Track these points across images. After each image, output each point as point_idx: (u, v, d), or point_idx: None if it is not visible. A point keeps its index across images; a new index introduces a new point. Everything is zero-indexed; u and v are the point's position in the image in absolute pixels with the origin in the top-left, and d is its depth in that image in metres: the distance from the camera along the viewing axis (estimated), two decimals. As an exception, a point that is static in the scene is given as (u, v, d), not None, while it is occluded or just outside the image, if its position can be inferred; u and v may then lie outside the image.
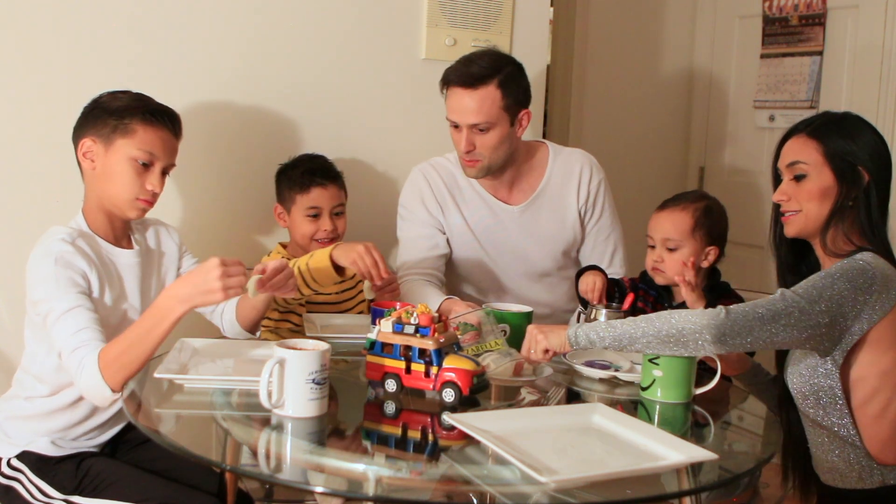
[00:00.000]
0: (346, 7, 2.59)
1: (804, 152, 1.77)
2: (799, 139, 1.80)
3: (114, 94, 1.90)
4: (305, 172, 2.36)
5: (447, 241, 2.40)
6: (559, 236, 2.41)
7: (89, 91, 1.96)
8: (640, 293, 2.21)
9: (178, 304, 1.62)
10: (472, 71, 2.20)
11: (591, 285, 2.14)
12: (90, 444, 1.89)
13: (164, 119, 1.88)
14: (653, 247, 2.19)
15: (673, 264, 2.14)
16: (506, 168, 2.34)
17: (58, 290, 1.71)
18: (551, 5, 3.33)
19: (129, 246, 1.93)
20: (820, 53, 3.27)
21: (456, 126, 2.25)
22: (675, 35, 3.84)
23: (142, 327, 1.64)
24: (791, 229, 1.80)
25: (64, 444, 1.85)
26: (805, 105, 3.29)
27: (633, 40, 3.77)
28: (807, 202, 1.76)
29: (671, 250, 2.14)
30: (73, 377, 1.66)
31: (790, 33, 3.38)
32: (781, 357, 1.86)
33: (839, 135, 1.76)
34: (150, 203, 1.89)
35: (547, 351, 1.74)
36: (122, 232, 1.93)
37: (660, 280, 2.18)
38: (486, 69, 2.20)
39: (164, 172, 1.90)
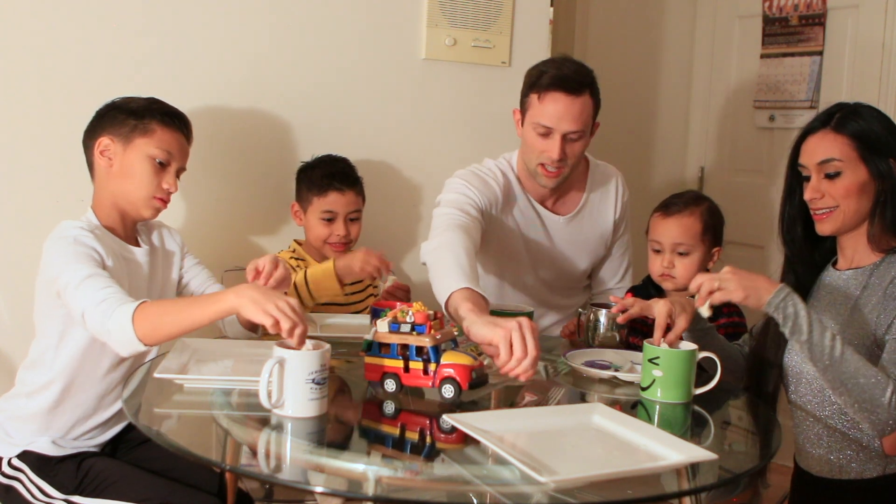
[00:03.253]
0: (346, 7, 2.59)
1: (835, 148, 1.74)
2: (825, 135, 1.76)
3: (128, 98, 1.94)
4: (325, 176, 2.36)
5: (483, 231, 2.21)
6: (595, 248, 2.42)
7: (97, 94, 1.98)
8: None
9: (232, 295, 1.56)
10: (572, 76, 2.14)
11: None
12: (91, 443, 1.90)
13: (179, 122, 1.95)
14: (658, 251, 2.16)
15: (684, 270, 2.11)
16: None
17: (76, 261, 1.72)
18: (551, 5, 3.33)
19: (138, 245, 1.95)
20: (820, 53, 3.27)
21: (545, 133, 2.17)
22: (675, 35, 3.84)
23: (190, 300, 1.72)
24: (827, 226, 1.78)
25: (64, 443, 1.86)
26: (805, 105, 3.29)
27: (633, 40, 3.77)
28: (844, 199, 1.74)
29: (682, 255, 2.12)
30: (99, 325, 1.63)
31: (790, 33, 3.38)
32: (776, 348, 1.85)
33: (865, 127, 1.74)
34: (165, 203, 1.93)
35: (712, 293, 1.67)
36: (131, 231, 1.95)
37: (669, 286, 2.16)
38: (584, 76, 2.17)
39: (177, 174, 1.95)
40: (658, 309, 1.78)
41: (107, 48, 2.31)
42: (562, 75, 2.14)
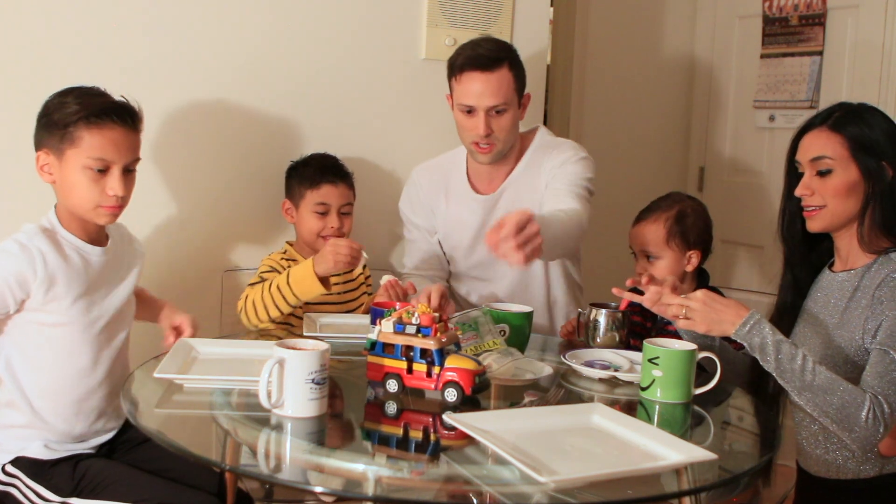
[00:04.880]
0: (346, 7, 2.59)
1: (829, 147, 1.75)
2: (821, 133, 1.77)
3: (61, 100, 1.80)
4: (317, 169, 2.39)
5: (439, 241, 2.46)
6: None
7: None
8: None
9: None
10: (484, 53, 2.22)
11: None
12: (84, 446, 1.87)
13: (111, 117, 1.77)
14: (635, 255, 2.22)
15: (658, 274, 2.13)
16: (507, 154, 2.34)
17: None
18: (551, 5, 3.33)
19: (104, 244, 1.88)
20: (820, 53, 3.27)
21: (469, 112, 2.25)
22: (674, 35, 3.83)
23: None
24: (816, 224, 1.79)
25: (57, 447, 1.82)
26: (805, 105, 3.29)
27: (633, 40, 3.77)
28: (832, 198, 1.75)
29: (651, 259, 2.17)
30: None
31: (790, 33, 3.38)
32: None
33: (862, 128, 1.74)
34: (117, 207, 1.81)
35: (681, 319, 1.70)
36: (96, 233, 1.87)
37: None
38: (497, 51, 2.23)
39: (129, 170, 1.82)
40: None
41: (103, 47, 2.31)
42: (475, 55, 2.23)
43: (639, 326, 2.20)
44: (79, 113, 1.76)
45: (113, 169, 1.79)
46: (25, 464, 1.79)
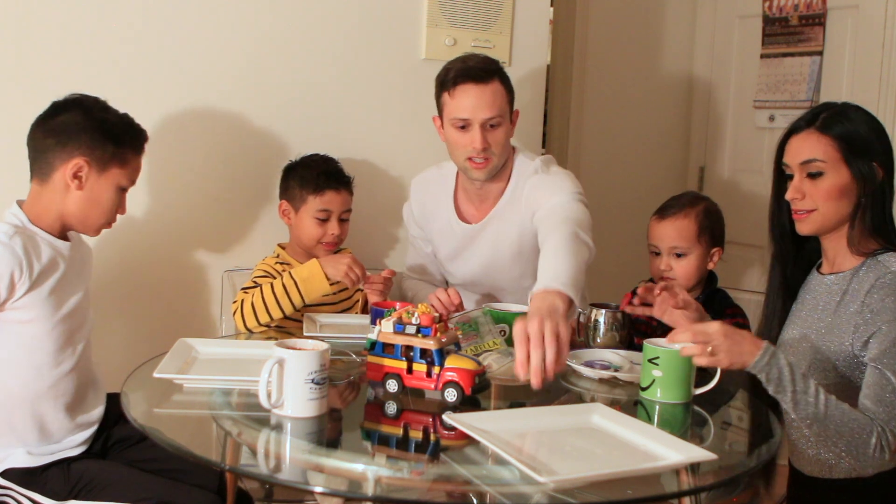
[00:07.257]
0: (346, 7, 2.59)
1: (818, 149, 1.73)
2: (810, 135, 1.74)
3: (104, 107, 1.89)
4: (321, 174, 2.35)
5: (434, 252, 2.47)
6: (521, 249, 2.28)
7: (87, 91, 1.95)
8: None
9: None
10: (477, 66, 2.19)
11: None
12: (68, 447, 1.85)
13: (142, 144, 1.92)
14: (656, 253, 2.18)
15: (682, 271, 2.13)
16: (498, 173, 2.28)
17: None
18: (551, 5, 3.33)
19: (68, 240, 1.88)
20: (820, 53, 3.27)
21: (463, 127, 2.19)
22: (674, 35, 3.84)
23: None
24: (806, 227, 1.77)
25: (40, 451, 1.81)
26: (805, 105, 3.29)
27: (633, 40, 3.77)
28: (824, 201, 1.73)
29: (679, 256, 2.14)
30: None
31: (790, 33, 3.38)
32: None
33: (851, 129, 1.72)
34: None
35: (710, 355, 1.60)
36: (61, 234, 1.87)
37: None
38: (490, 64, 2.21)
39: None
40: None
41: (104, 47, 2.31)
42: (466, 67, 2.19)
43: (644, 325, 2.19)
44: (128, 134, 1.90)
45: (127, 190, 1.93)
46: (15, 474, 1.78)
